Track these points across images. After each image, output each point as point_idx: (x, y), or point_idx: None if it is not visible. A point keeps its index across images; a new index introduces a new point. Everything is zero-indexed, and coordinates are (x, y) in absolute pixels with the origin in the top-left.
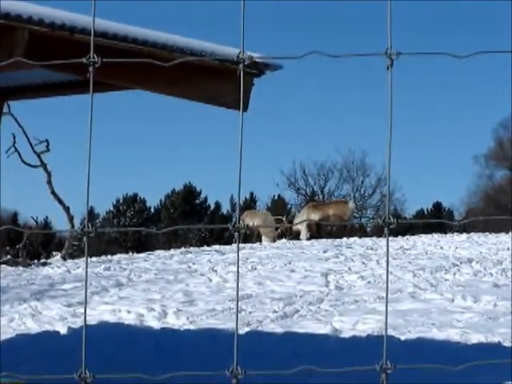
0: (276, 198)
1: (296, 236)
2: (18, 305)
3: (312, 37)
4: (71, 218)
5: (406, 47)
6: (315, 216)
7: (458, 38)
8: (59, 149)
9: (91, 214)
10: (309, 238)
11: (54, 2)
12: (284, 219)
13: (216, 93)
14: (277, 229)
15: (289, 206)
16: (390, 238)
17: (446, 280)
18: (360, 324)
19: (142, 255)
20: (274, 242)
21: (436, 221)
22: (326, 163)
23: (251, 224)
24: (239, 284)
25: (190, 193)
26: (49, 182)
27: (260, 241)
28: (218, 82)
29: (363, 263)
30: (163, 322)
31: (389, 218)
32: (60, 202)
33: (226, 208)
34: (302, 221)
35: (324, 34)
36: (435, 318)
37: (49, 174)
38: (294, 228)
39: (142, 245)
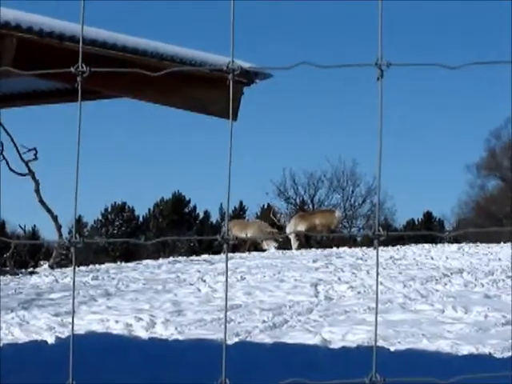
0: (266, 206)
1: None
2: (5, 314)
3: (303, 43)
4: (59, 227)
5: (400, 54)
6: (302, 226)
7: (453, 46)
8: (47, 157)
9: (79, 223)
10: (298, 248)
11: (43, 8)
12: (274, 217)
13: (205, 101)
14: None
15: (278, 214)
16: (381, 248)
17: (436, 291)
18: (350, 335)
19: (130, 264)
20: (278, 244)
21: (426, 233)
22: (316, 172)
23: (244, 235)
24: (228, 294)
25: (178, 201)
26: (37, 191)
27: (255, 250)
28: (207, 90)
29: (353, 273)
30: (151, 331)
31: (378, 231)
32: (48, 210)
33: (215, 217)
34: (289, 233)
35: (315, 40)
36: (425, 329)
37: (37, 183)
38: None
39: (130, 254)
